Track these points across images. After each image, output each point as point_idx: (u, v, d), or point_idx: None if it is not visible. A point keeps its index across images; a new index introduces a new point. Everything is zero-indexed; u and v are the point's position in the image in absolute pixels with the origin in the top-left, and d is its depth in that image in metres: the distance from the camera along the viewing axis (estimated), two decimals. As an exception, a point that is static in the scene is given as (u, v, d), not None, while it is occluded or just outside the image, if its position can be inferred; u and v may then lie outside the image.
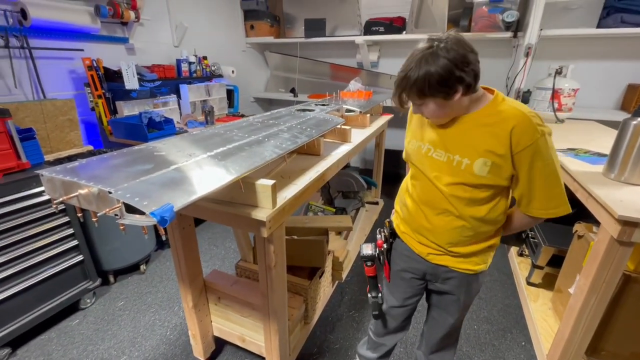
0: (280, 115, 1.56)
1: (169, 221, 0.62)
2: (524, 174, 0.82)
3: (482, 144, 0.83)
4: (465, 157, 0.86)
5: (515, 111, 0.81)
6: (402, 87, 0.83)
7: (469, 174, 0.86)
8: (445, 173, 0.90)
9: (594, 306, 1.12)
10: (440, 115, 0.86)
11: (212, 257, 2.43)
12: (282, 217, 1.01)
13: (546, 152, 0.79)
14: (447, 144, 0.90)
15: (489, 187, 0.87)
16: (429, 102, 0.83)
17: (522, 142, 0.79)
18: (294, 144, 1.12)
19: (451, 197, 0.90)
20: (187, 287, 1.32)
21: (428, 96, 0.81)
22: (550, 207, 0.85)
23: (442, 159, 0.90)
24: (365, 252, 1.09)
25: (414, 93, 0.82)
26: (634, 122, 1.15)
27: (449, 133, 0.89)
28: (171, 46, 2.86)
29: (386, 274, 1.15)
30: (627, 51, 2.68)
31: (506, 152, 0.81)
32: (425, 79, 0.77)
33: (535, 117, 0.80)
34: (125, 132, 2.23)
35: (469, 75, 0.78)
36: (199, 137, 1.13)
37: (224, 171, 0.84)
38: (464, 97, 0.81)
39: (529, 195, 0.85)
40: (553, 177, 0.82)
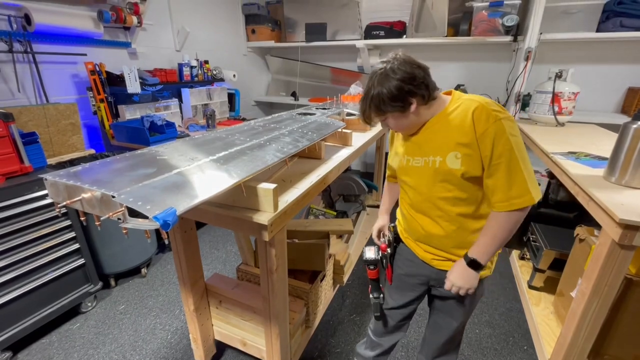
0: (281, 119, 1.57)
1: (171, 225, 0.62)
2: (487, 159, 0.84)
3: (450, 139, 0.89)
4: (437, 155, 0.91)
5: (471, 101, 0.87)
6: (364, 107, 0.95)
7: (444, 171, 0.90)
8: (425, 177, 0.95)
9: (596, 310, 1.11)
10: (405, 126, 0.95)
11: (213, 261, 2.43)
12: (284, 220, 1.01)
13: (505, 136, 0.81)
14: (422, 149, 0.96)
15: (468, 180, 0.89)
16: (389, 117, 0.93)
17: (480, 126, 0.83)
18: (295, 147, 1.13)
19: (437, 201, 0.94)
20: (188, 290, 1.32)
21: (386, 112, 0.91)
22: (512, 196, 0.83)
23: (420, 164, 0.96)
24: (368, 256, 1.10)
25: (373, 111, 0.93)
26: (634, 126, 1.15)
27: (421, 139, 0.96)
28: (173, 50, 2.88)
29: (388, 277, 1.15)
30: (627, 55, 2.69)
31: (472, 140, 0.85)
32: (380, 97, 0.88)
33: (491, 104, 0.85)
34: (127, 135, 2.24)
35: (420, 88, 0.87)
36: (201, 141, 1.14)
37: (226, 175, 0.85)
38: (421, 106, 0.90)
39: (493, 185, 0.85)
40: (514, 162, 0.82)
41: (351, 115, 2.03)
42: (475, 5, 2.69)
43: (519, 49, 2.76)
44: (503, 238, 0.89)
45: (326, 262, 1.54)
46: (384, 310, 1.19)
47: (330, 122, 1.57)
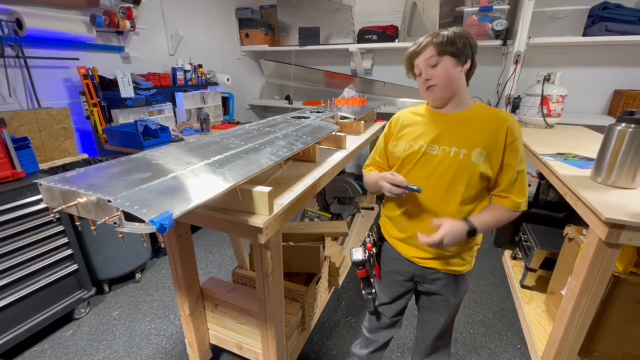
0: (276, 123, 1.58)
1: (168, 229, 0.63)
2: (513, 162, 0.93)
3: (479, 136, 0.93)
4: (462, 147, 0.93)
5: (503, 113, 0.97)
6: (421, 43, 0.94)
7: (466, 164, 0.92)
8: (442, 166, 0.95)
9: (585, 307, 1.14)
10: (448, 81, 0.93)
11: (209, 264, 2.42)
12: (279, 223, 1.02)
13: (521, 152, 0.95)
14: (440, 138, 0.97)
15: (481, 180, 0.94)
16: (445, 61, 0.92)
17: (513, 136, 0.93)
18: (290, 151, 1.14)
19: (446, 192, 0.96)
20: (183, 294, 1.32)
21: (447, 53, 0.91)
22: (521, 202, 0.96)
23: (436, 152, 0.96)
24: (355, 258, 1.11)
25: (433, 47, 0.92)
26: (619, 128, 1.18)
27: (445, 128, 0.97)
28: (167, 55, 2.88)
29: (377, 274, 1.17)
30: (613, 58, 2.76)
31: (500, 144, 0.92)
32: (450, 37, 0.91)
33: (515, 122, 0.96)
34: (121, 140, 2.23)
35: (474, 59, 0.94)
36: (196, 145, 1.15)
37: (221, 179, 0.86)
38: (465, 77, 0.95)
39: (511, 185, 0.95)
40: (524, 173, 0.96)
41: (345, 118, 2.06)
42: (465, 10, 2.74)
43: (509, 52, 2.82)
44: (498, 225, 0.99)
45: (321, 265, 1.55)
46: (377, 306, 1.21)
47: (324, 126, 1.59)
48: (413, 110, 1.08)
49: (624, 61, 2.75)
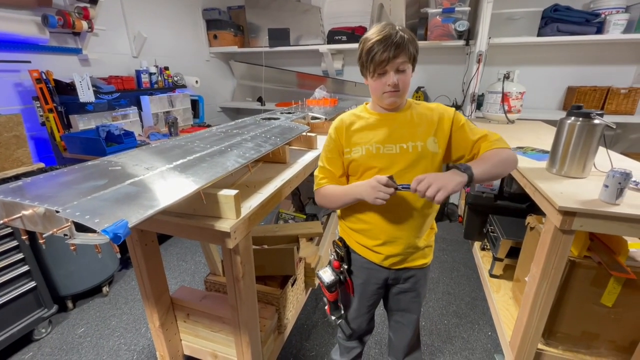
0: (244, 125, 1.56)
1: (122, 237, 0.60)
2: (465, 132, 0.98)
3: (428, 128, 0.98)
4: (417, 141, 0.97)
5: (437, 105, 1.03)
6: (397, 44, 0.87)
7: (425, 154, 0.96)
8: (402, 162, 0.97)
9: (545, 291, 1.21)
10: (407, 86, 0.95)
11: (182, 273, 2.34)
12: (248, 227, 1.00)
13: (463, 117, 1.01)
14: (394, 137, 0.98)
15: (441, 163, 1.00)
16: (408, 69, 0.92)
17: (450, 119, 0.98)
18: (258, 152, 1.12)
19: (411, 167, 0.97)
20: (152, 306, 1.27)
21: (411, 61, 0.92)
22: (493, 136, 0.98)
23: (394, 151, 0.97)
24: (328, 280, 1.06)
25: (404, 54, 0.89)
26: (568, 122, 1.26)
27: (396, 127, 0.98)
28: (130, 57, 2.76)
29: (350, 290, 1.13)
30: (565, 57, 2.95)
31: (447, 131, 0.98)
32: (415, 41, 0.91)
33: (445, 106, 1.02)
34: (81, 147, 2.11)
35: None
36: (159, 149, 1.10)
37: (184, 183, 0.83)
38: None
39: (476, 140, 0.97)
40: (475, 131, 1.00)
41: (316, 118, 2.06)
42: (429, 12, 2.83)
43: (471, 52, 2.94)
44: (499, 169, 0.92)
45: (296, 266, 1.54)
46: (349, 321, 1.18)
47: (294, 126, 1.58)
48: (355, 114, 1.05)
49: (575, 60, 2.94)
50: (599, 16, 2.55)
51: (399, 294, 1.12)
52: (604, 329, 1.31)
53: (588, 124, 1.21)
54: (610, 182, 1.02)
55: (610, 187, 1.02)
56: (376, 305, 1.19)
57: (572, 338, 1.36)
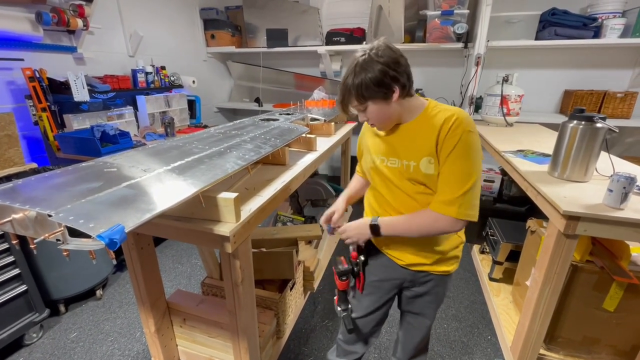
0: (243, 126, 1.53)
1: (119, 243, 0.57)
2: (441, 165, 0.87)
3: (424, 144, 0.89)
4: (411, 160, 0.91)
5: (447, 110, 0.88)
6: (343, 93, 0.90)
7: (419, 175, 0.91)
8: (403, 177, 0.94)
9: (548, 296, 1.19)
10: (384, 118, 0.91)
11: (177, 276, 2.30)
12: (248, 230, 0.97)
13: (463, 148, 0.83)
14: (397, 151, 0.95)
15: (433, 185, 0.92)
16: (370, 106, 0.89)
17: (445, 135, 0.85)
18: (258, 154, 1.10)
19: (417, 195, 0.94)
20: (147, 311, 1.23)
21: (368, 99, 0.87)
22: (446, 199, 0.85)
23: (396, 165, 0.95)
24: (341, 267, 1.05)
25: (354, 98, 0.88)
26: (571, 125, 1.26)
27: (396, 141, 0.95)
28: (126, 56, 2.72)
29: (359, 285, 1.11)
30: (562, 60, 2.97)
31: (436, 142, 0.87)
32: (363, 82, 0.84)
33: (466, 117, 0.86)
34: (75, 147, 2.07)
35: (402, 76, 0.85)
36: (155, 151, 1.08)
37: (182, 186, 0.80)
38: (402, 100, 0.88)
39: (438, 187, 0.88)
40: (465, 172, 0.84)
41: (315, 120, 2.04)
42: (428, 14, 2.83)
43: (470, 55, 2.94)
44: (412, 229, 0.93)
45: (295, 270, 1.52)
46: (355, 319, 1.16)
47: (293, 128, 1.56)
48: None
49: (572, 63, 2.96)
50: (596, 20, 2.57)
51: (414, 297, 1.09)
52: (605, 333, 1.31)
53: (590, 127, 1.21)
54: (614, 186, 1.01)
55: (615, 192, 1.01)
56: (384, 309, 1.15)
57: (573, 343, 1.35)
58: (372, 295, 1.11)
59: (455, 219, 0.86)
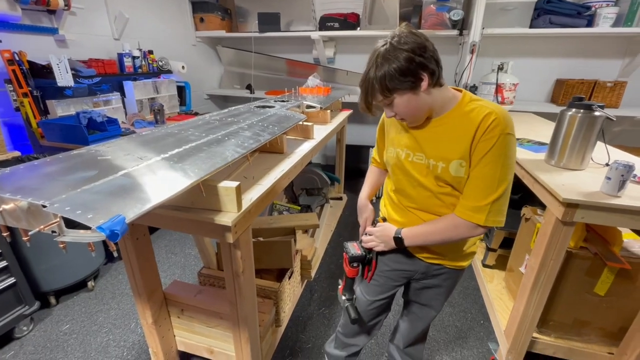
0: (239, 113, 1.49)
1: (120, 235, 0.54)
2: (472, 167, 0.82)
3: (454, 146, 0.83)
4: (439, 161, 0.85)
5: (486, 108, 0.80)
6: (366, 89, 0.83)
7: (448, 177, 0.86)
8: (429, 175, 0.89)
9: (543, 282, 1.22)
10: (414, 111, 0.83)
11: (171, 266, 2.27)
12: (249, 220, 0.95)
13: (499, 151, 0.78)
14: (423, 147, 0.88)
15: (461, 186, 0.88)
16: (397, 99, 0.81)
17: (482, 135, 0.79)
18: (257, 142, 1.07)
19: (442, 195, 0.90)
20: (144, 302, 1.21)
21: (394, 92, 0.80)
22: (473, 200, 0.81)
23: (422, 162, 0.89)
24: (354, 253, 1.03)
25: (378, 92, 0.81)
26: (569, 113, 1.26)
27: (423, 136, 0.88)
28: (111, 39, 2.60)
29: (367, 274, 1.09)
30: (555, 49, 2.98)
31: (480, 152, 0.80)
32: (387, 74, 0.77)
33: (507, 116, 0.79)
34: (61, 134, 1.98)
35: (431, 62, 0.78)
36: (150, 138, 1.03)
37: (182, 174, 0.77)
38: (432, 89, 0.81)
39: (465, 191, 0.84)
40: (497, 178, 0.79)
41: (311, 107, 2.00)
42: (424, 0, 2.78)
43: (465, 42, 2.92)
44: (437, 238, 0.90)
45: (293, 259, 1.51)
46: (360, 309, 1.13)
47: (291, 115, 1.52)
48: None
49: (565, 52, 2.98)
50: (589, 9, 2.58)
51: (423, 289, 1.08)
52: (595, 316, 1.35)
53: (589, 115, 1.21)
54: (612, 174, 1.03)
55: (613, 179, 1.02)
56: (390, 300, 1.13)
57: (565, 326, 1.39)
58: (380, 286, 1.08)
59: (480, 226, 0.83)
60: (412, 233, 0.94)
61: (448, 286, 1.08)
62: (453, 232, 0.87)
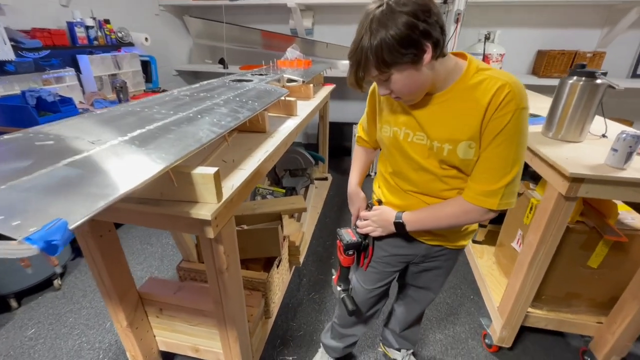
0: (212, 87, 1.32)
1: (61, 246, 0.41)
2: (483, 148, 0.72)
3: (462, 126, 0.72)
4: (445, 143, 0.75)
5: (497, 79, 0.69)
6: (357, 61, 0.68)
7: (455, 159, 0.76)
8: (432, 158, 0.79)
9: (541, 259, 1.19)
10: (413, 89, 0.71)
11: (148, 258, 2.11)
12: (231, 210, 0.83)
13: (514, 129, 0.68)
14: (425, 127, 0.77)
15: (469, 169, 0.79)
16: (396, 75, 0.68)
17: (494, 112, 0.68)
18: (236, 119, 0.92)
19: (447, 178, 0.81)
20: (116, 305, 1.08)
21: (392, 66, 0.66)
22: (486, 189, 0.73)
23: (424, 143, 0.79)
24: (349, 240, 0.94)
25: (373, 67, 0.67)
26: (570, 82, 1.19)
27: (424, 115, 0.77)
28: (57, 5, 2.26)
29: (363, 261, 1.01)
30: (537, 19, 2.92)
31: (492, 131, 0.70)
32: (383, 43, 0.63)
33: (521, 88, 0.68)
34: (4, 117, 1.72)
35: (435, 29, 0.65)
36: (106, 117, 0.86)
37: (146, 161, 0.63)
38: (434, 62, 0.68)
39: (474, 173, 0.76)
40: (512, 158, 0.70)
41: (292, 81, 1.84)
42: (408, -37, 2.60)
43: (449, 11, 2.79)
44: (443, 226, 0.84)
45: (281, 247, 1.41)
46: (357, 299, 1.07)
47: (271, 89, 1.37)
48: None
49: (547, 22, 2.93)
50: (575, -25, 2.50)
51: (422, 272, 1.03)
52: (586, 288, 1.36)
53: (591, 83, 1.14)
54: (619, 145, 0.97)
55: (620, 151, 0.97)
56: (388, 286, 1.07)
57: (556, 299, 1.40)
58: (378, 273, 1.01)
59: (492, 211, 0.76)
60: (414, 217, 0.85)
61: (448, 267, 1.03)
62: (462, 218, 0.80)
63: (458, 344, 1.56)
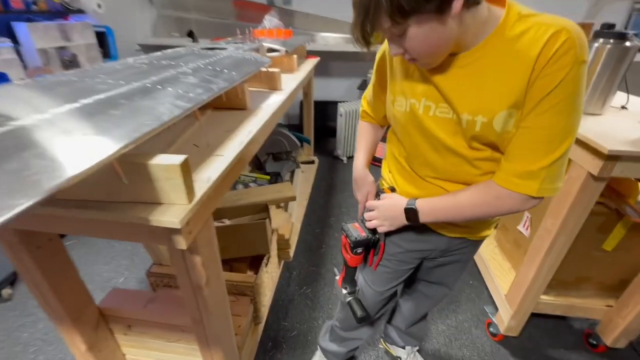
0: (178, 55, 1.07)
1: None
2: (525, 114, 0.55)
3: (500, 90, 0.55)
4: (478, 114, 0.58)
5: (543, 27, 0.51)
6: (366, 7, 0.50)
7: (491, 134, 0.59)
8: (460, 135, 0.62)
9: (561, 245, 1.09)
10: (435, 47, 0.54)
11: (116, 256, 1.88)
12: (207, 211, 0.64)
13: (569, 89, 0.51)
14: (450, 96, 0.60)
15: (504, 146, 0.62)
16: (413, 28, 0.51)
17: (544, 66, 0.51)
18: (209, 91, 0.71)
19: (477, 161, 0.64)
20: (70, 328, 0.87)
21: (410, 15, 0.49)
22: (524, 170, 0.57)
23: (450, 116, 0.62)
24: (358, 236, 0.78)
25: (386, 15, 0.49)
26: (596, 45, 1.05)
27: (448, 81, 0.60)
28: (-20, -41, 1.86)
29: (374, 259, 0.86)
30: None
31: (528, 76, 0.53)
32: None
33: (581, 35, 0.50)
34: None
35: None
36: (28, 87, 0.62)
37: (77, 146, 0.42)
38: (465, 11, 0.51)
39: (510, 149, 0.59)
40: (563, 129, 0.54)
41: (273, 51, 1.60)
42: None
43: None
44: (468, 217, 0.67)
45: (270, 242, 1.23)
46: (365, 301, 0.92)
47: (251, 58, 1.14)
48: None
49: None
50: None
51: (437, 267, 0.90)
52: (597, 272, 1.29)
53: (620, 46, 1.01)
54: (662, 117, 0.85)
55: (662, 123, 0.85)
56: (400, 285, 0.94)
57: (566, 284, 1.32)
58: (391, 272, 0.87)
59: (531, 198, 0.59)
60: (431, 206, 0.69)
61: (466, 260, 0.90)
62: (493, 207, 0.63)
63: (462, 334, 1.48)
